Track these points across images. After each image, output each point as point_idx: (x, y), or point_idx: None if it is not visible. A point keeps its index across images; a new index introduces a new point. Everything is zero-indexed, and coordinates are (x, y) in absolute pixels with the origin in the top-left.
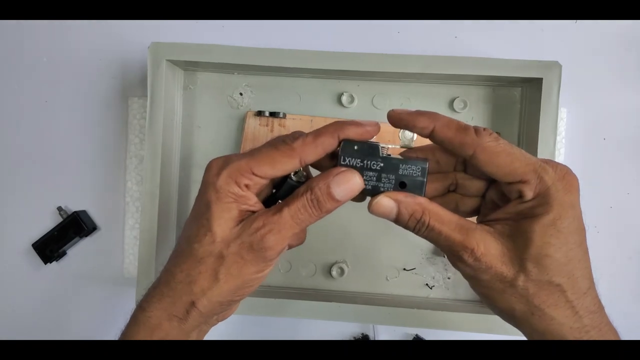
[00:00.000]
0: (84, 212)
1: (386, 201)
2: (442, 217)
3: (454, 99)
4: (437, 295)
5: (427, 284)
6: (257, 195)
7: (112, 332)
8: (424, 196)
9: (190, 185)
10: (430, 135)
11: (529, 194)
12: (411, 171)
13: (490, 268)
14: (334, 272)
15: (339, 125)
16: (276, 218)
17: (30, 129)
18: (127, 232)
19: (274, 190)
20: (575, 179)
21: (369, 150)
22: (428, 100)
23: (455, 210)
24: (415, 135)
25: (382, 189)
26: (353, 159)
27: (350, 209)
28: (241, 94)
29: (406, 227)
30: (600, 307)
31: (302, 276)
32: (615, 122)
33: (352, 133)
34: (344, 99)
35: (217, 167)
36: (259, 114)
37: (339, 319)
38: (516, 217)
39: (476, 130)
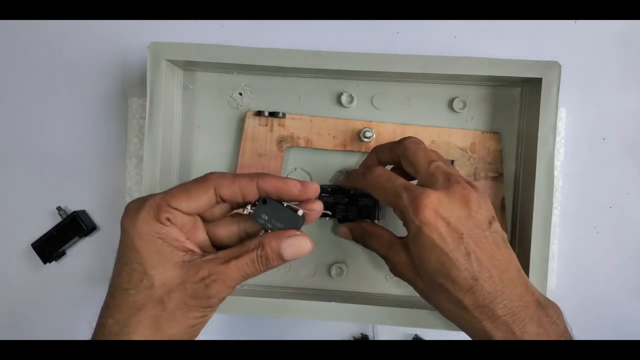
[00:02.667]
0: (83, 212)
1: (342, 229)
2: (376, 235)
3: (454, 99)
4: None
5: None
6: (192, 233)
7: None
8: (378, 219)
9: None
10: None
11: (399, 216)
12: (367, 202)
13: (402, 274)
14: (333, 272)
15: (261, 174)
16: (222, 268)
17: (29, 129)
18: None
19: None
20: (425, 200)
21: (338, 190)
22: (427, 100)
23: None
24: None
25: (349, 217)
26: (329, 197)
27: None
28: (241, 93)
29: (358, 243)
30: (491, 301)
31: (301, 276)
32: (615, 122)
33: (271, 185)
34: (344, 98)
35: (133, 209)
36: (259, 114)
37: (338, 319)
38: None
39: (364, 172)
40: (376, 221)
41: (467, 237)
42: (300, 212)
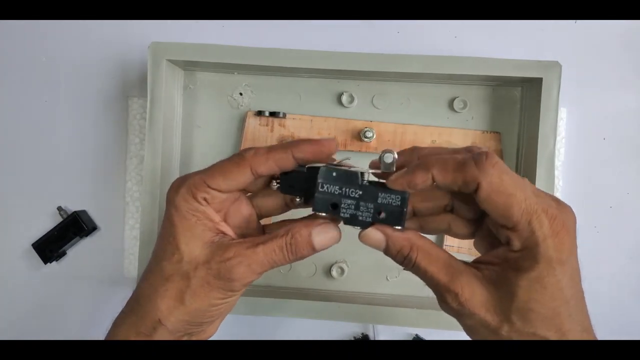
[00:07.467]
0: (84, 212)
1: (374, 233)
2: (430, 255)
3: (454, 99)
4: None
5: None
6: (224, 211)
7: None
8: (404, 227)
9: None
10: (433, 185)
11: (516, 244)
12: (390, 200)
13: (474, 314)
14: (334, 272)
15: (293, 142)
16: (249, 252)
17: (30, 129)
18: (127, 232)
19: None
20: (570, 235)
21: (347, 177)
22: (428, 100)
23: (448, 231)
24: (396, 156)
25: (360, 218)
26: (331, 186)
27: None
28: (241, 93)
29: (394, 260)
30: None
31: (302, 276)
32: (615, 122)
33: (306, 150)
34: (344, 98)
35: (175, 185)
36: (259, 113)
37: (339, 319)
38: (503, 265)
39: (476, 160)
40: (398, 228)
41: (581, 280)
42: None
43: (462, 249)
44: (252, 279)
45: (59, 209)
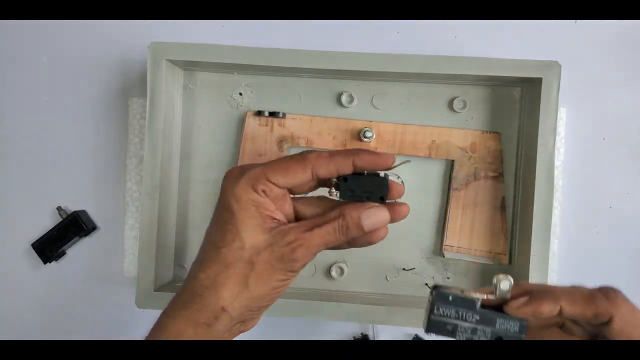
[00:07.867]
0: (83, 212)
1: None
2: None
3: (454, 99)
4: None
5: (426, 284)
6: (281, 204)
7: (112, 331)
8: None
9: (190, 184)
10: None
11: None
12: (509, 326)
13: None
14: (334, 272)
15: (355, 151)
16: (307, 235)
17: (30, 129)
18: (127, 232)
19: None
20: None
21: (464, 302)
22: (427, 100)
23: None
24: (512, 283)
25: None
26: (447, 310)
27: None
28: (241, 93)
29: None
30: None
31: (302, 276)
32: (615, 122)
33: (367, 160)
34: (344, 98)
35: (234, 176)
36: (259, 113)
37: (338, 319)
38: None
39: (607, 295)
40: None
41: None
42: (382, 174)
43: (462, 248)
44: (309, 259)
45: (59, 208)
